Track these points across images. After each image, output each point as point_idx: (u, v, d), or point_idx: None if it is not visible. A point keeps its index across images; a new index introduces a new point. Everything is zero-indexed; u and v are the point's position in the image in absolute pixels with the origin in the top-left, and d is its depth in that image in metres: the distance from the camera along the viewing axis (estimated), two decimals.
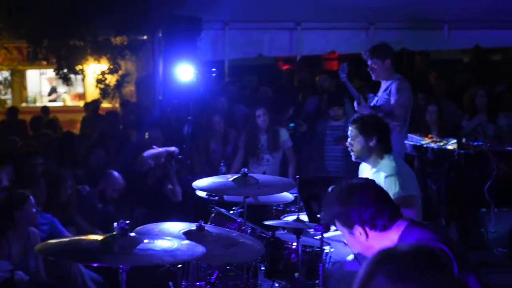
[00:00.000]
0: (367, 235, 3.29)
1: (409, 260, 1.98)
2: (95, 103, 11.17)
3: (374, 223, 3.27)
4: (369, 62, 6.99)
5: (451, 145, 7.52)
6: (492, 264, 7.50)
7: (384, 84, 7.04)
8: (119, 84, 10.95)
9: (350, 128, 5.57)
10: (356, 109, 6.88)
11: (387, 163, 5.32)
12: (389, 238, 3.29)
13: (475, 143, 7.85)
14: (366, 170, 5.56)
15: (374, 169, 5.39)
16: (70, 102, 16.76)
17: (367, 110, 6.76)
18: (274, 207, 6.86)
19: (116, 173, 7.81)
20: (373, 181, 3.53)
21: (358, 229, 3.30)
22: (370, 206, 3.26)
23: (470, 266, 3.19)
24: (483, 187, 7.49)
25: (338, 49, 10.44)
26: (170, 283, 5.69)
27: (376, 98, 7.05)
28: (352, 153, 5.57)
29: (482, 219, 8.04)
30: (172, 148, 7.97)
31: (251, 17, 9.67)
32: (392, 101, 6.85)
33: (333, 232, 5.67)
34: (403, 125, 6.84)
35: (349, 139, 5.56)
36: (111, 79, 10.94)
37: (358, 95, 6.87)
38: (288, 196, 6.13)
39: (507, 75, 12.55)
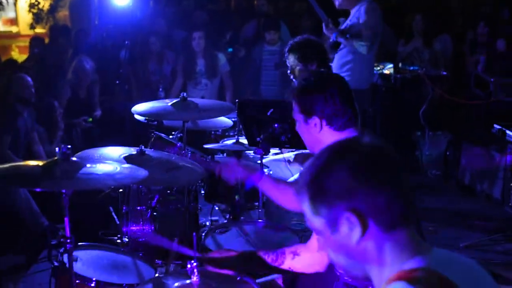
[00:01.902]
0: (321, 128, 3.31)
1: (374, 156, 1.88)
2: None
3: (333, 120, 3.28)
4: None
5: (388, 69, 7.62)
6: (426, 187, 7.72)
7: (352, 11, 6.88)
8: (53, 9, 10.68)
9: (288, 56, 5.55)
10: (324, 31, 6.78)
11: None
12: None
13: (411, 68, 7.96)
14: None
15: None
16: (1, 27, 16.31)
17: (334, 33, 6.70)
18: (213, 132, 6.89)
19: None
20: (345, 81, 3.53)
21: (315, 120, 3.30)
22: (336, 103, 3.27)
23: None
24: (418, 111, 7.62)
25: None
26: (110, 207, 5.72)
27: (347, 22, 6.93)
28: (295, 81, 5.59)
29: (417, 142, 8.22)
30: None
31: None
32: (362, 24, 6.73)
33: (272, 156, 5.79)
34: (371, 46, 6.74)
35: (289, 69, 5.57)
36: (45, 4, 10.66)
37: (326, 18, 6.73)
38: (227, 121, 6.16)
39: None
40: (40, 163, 3.32)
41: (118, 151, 4.41)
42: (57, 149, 3.27)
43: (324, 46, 5.68)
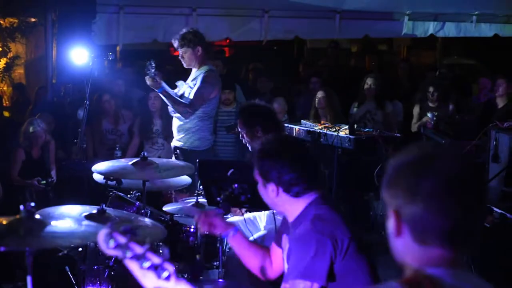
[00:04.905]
0: (277, 194, 3.38)
1: None
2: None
3: (290, 188, 3.36)
4: (179, 50, 7.13)
5: (343, 131, 7.73)
6: (380, 246, 7.78)
7: (194, 73, 7.21)
8: (9, 67, 10.65)
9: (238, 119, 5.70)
10: (148, 84, 6.99)
11: None
12: (297, 205, 3.40)
13: (365, 130, 8.09)
14: None
15: None
16: None
17: (159, 88, 6.91)
18: (169, 192, 6.90)
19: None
20: (305, 145, 3.61)
21: (272, 186, 3.39)
22: (292, 171, 3.35)
23: (362, 248, 3.39)
24: (373, 172, 7.72)
25: (233, 36, 10.51)
26: (66, 267, 5.64)
27: (184, 86, 7.23)
28: (247, 144, 5.68)
29: (371, 202, 8.31)
30: None
31: (146, 2, 9.60)
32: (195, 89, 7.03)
33: (232, 217, 5.81)
34: (193, 113, 7.04)
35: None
36: (0, 62, 10.64)
37: (152, 72, 6.88)
38: (186, 180, 6.16)
39: (392, 64, 13.02)
40: (4, 221, 3.31)
41: (77, 210, 4.40)
42: (21, 206, 3.27)
43: (269, 110, 5.77)
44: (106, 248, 2.44)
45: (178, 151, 7.20)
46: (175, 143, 7.28)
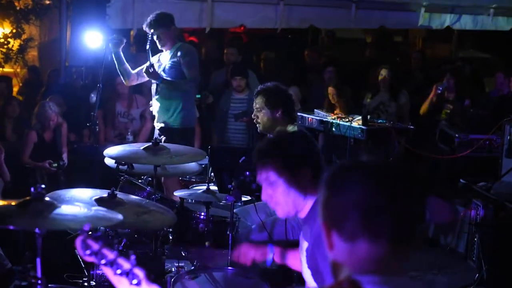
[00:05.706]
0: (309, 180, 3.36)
1: None
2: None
3: (319, 174, 3.33)
4: (155, 34, 7.22)
5: (356, 121, 7.68)
6: None
7: (169, 52, 7.30)
8: (22, 49, 10.63)
9: (255, 100, 5.64)
10: (147, 76, 7.18)
11: None
12: (306, 202, 3.37)
13: (379, 121, 8.04)
14: None
15: None
16: None
17: (159, 78, 7.16)
18: (180, 178, 6.89)
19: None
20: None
21: (304, 170, 3.36)
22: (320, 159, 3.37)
23: None
24: None
25: (247, 23, 10.47)
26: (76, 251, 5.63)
27: (161, 67, 7.34)
28: (258, 125, 5.64)
29: None
30: None
31: None
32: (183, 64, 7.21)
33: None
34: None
35: (254, 111, 5.64)
36: (14, 43, 10.63)
37: (151, 64, 7.10)
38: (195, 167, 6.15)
39: (406, 55, 12.93)
40: (13, 202, 3.29)
41: (88, 193, 4.40)
42: (31, 188, 3.25)
43: (291, 96, 5.76)
44: (83, 255, 2.52)
45: (164, 133, 7.25)
46: (159, 125, 7.37)
